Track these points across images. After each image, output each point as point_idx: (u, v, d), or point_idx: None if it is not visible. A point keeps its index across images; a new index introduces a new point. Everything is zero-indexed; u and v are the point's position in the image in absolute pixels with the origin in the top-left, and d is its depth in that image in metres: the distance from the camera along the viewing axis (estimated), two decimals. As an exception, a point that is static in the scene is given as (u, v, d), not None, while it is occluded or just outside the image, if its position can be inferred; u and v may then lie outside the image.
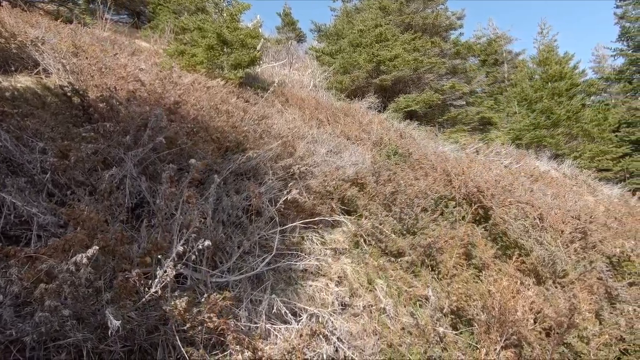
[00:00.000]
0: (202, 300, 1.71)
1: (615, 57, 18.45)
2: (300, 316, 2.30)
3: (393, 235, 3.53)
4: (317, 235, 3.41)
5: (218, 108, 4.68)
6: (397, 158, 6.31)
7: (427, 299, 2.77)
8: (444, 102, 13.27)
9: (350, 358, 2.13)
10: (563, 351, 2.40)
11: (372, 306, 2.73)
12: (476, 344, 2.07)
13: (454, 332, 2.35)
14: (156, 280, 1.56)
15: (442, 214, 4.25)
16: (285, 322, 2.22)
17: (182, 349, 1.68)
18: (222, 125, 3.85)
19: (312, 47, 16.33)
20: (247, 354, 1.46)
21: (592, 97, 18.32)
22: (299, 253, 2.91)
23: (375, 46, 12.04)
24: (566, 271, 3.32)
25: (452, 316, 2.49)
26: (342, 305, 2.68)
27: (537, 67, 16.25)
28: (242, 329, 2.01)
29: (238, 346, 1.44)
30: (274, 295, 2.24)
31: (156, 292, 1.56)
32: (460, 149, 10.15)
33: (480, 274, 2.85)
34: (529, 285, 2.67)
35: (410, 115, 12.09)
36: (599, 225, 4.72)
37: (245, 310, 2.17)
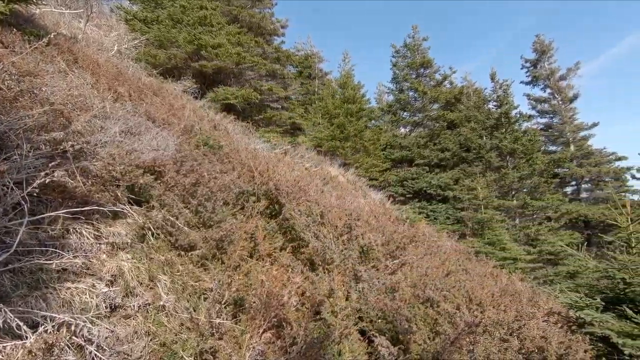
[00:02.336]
0: None
1: (389, 94, 24.30)
2: (44, 327, 1.86)
3: (186, 229, 3.38)
4: (90, 227, 2.87)
5: (-56, 44, 3.26)
6: (207, 149, 6.13)
7: (212, 291, 2.79)
8: (261, 101, 13.91)
9: (110, 366, 1.88)
10: (320, 325, 2.91)
11: (149, 305, 2.51)
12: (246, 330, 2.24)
13: (232, 321, 2.46)
14: None
15: (242, 208, 4.40)
16: (19, 337, 1.74)
17: None
18: (-55, 69, 2.69)
19: (122, 6, 13.82)
20: None
21: (372, 121, 23.32)
22: (57, 250, 2.36)
23: (198, 28, 11.35)
24: (333, 259, 4.06)
25: (233, 306, 2.60)
26: (111, 307, 2.34)
27: (339, 88, 19.40)
28: None
29: None
30: (0, 305, 1.72)
31: None
32: (271, 149, 10.88)
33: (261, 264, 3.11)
34: (300, 272, 3.12)
35: (228, 109, 12.03)
36: (362, 222, 6.04)
37: (-55, 330, 1.57)
